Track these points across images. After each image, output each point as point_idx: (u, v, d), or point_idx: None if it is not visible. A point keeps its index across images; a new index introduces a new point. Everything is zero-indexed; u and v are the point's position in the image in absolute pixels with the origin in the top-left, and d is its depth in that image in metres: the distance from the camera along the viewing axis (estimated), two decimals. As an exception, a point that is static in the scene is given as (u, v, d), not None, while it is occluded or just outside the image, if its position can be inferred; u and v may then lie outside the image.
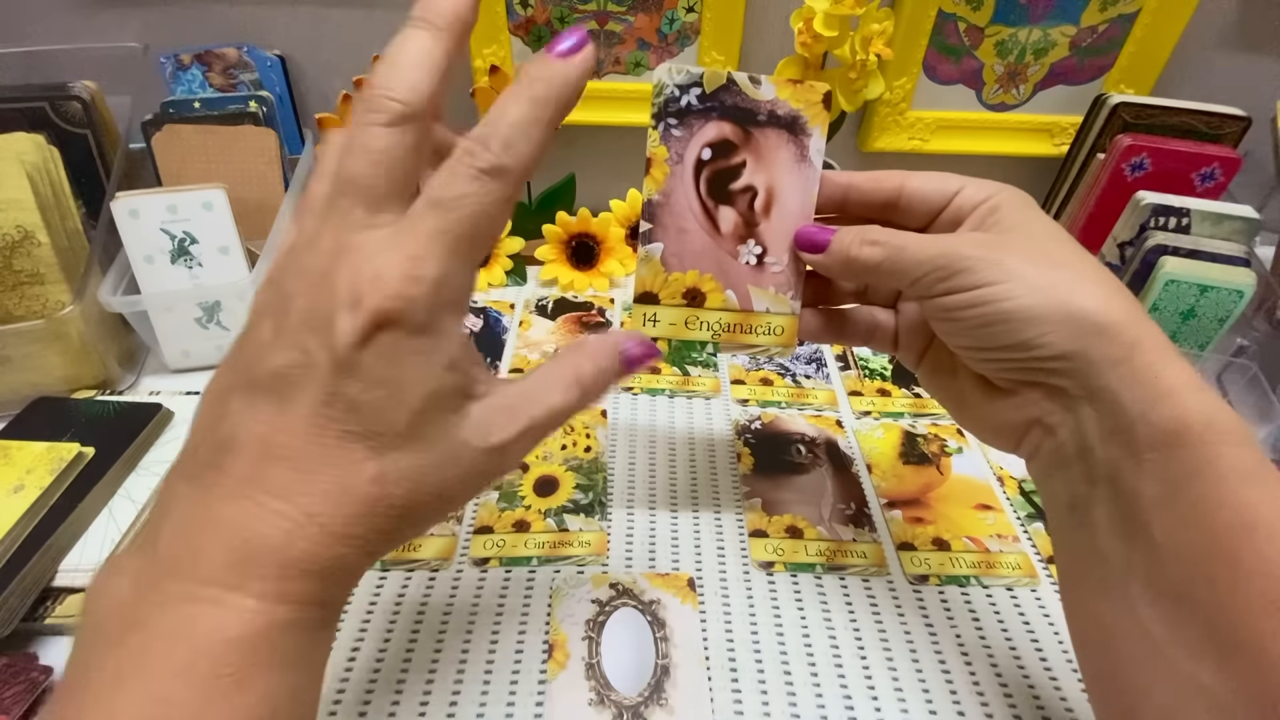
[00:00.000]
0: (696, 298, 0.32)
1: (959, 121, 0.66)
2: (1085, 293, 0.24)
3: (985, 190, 0.28)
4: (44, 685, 0.31)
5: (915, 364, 0.33)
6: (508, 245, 0.58)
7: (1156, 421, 0.23)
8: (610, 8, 0.60)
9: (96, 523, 0.37)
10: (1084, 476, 0.25)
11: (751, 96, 0.30)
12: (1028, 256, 0.25)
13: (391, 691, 0.32)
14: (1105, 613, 0.24)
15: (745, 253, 0.32)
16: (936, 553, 0.39)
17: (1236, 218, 0.50)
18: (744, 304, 0.32)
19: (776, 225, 0.31)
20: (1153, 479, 0.23)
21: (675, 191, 0.31)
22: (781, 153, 0.31)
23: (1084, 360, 0.24)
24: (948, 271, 0.26)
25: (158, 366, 0.50)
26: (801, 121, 0.31)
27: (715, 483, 0.43)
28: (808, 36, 0.51)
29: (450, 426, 0.20)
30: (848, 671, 0.34)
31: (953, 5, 0.59)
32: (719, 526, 0.41)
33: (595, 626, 0.35)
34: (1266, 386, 0.48)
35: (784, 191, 0.31)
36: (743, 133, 0.31)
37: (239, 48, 0.60)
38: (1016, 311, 0.25)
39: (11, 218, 0.43)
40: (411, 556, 0.38)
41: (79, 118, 0.52)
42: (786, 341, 0.33)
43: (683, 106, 0.30)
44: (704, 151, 0.31)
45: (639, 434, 0.46)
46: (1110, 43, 0.61)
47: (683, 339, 0.33)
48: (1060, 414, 0.26)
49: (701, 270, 0.32)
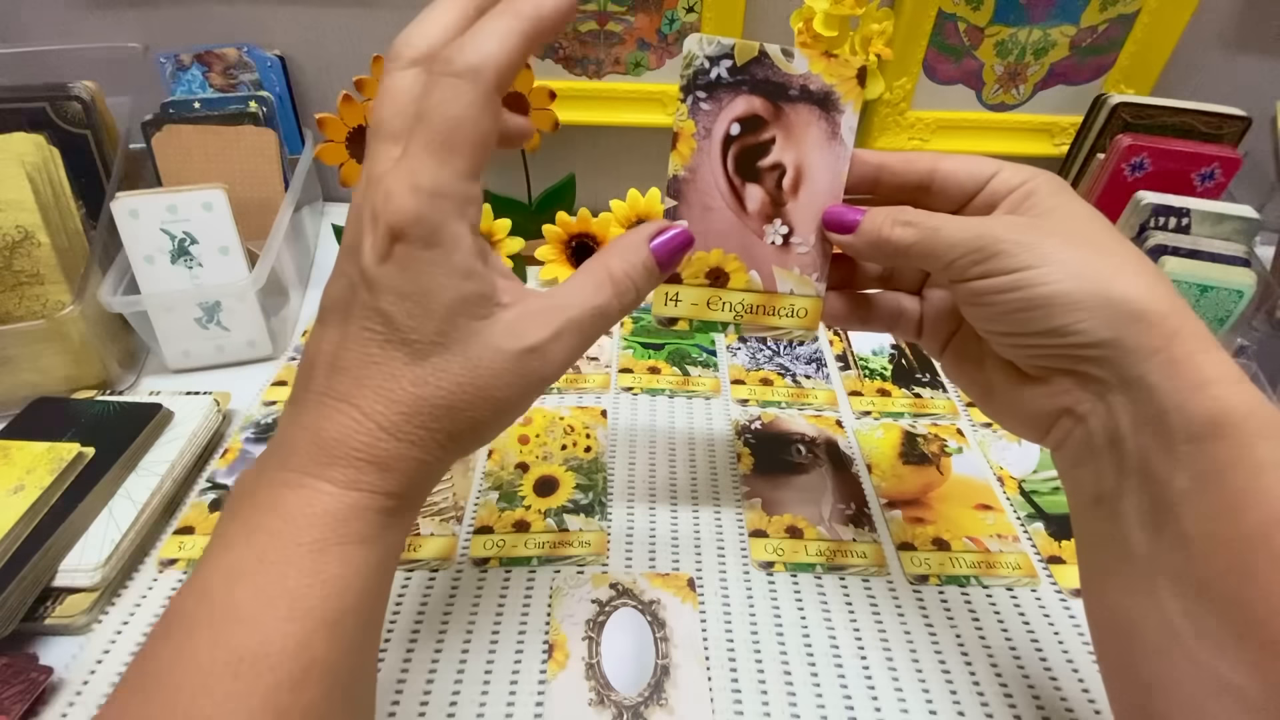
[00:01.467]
0: (720, 278, 0.31)
1: (959, 121, 0.66)
2: (1126, 279, 0.24)
3: (1021, 174, 0.28)
4: (44, 685, 0.31)
5: (939, 352, 0.32)
6: (508, 245, 0.58)
7: (1192, 413, 0.22)
8: (610, 8, 0.60)
9: (96, 523, 0.37)
10: (1114, 467, 0.24)
11: (784, 70, 0.29)
12: (1067, 240, 0.25)
13: (391, 691, 0.32)
14: (1129, 606, 0.24)
15: (771, 232, 0.31)
16: (936, 553, 0.39)
17: (1236, 218, 0.50)
18: (768, 285, 0.31)
19: (804, 204, 0.30)
20: (1186, 471, 0.22)
21: (701, 167, 0.30)
22: (812, 129, 0.30)
23: (1120, 348, 0.23)
24: (984, 254, 0.25)
25: (158, 366, 0.50)
26: (834, 98, 0.30)
27: (715, 483, 0.43)
28: (808, 36, 0.51)
29: (479, 332, 0.22)
30: (848, 671, 0.34)
31: (953, 5, 0.59)
32: (719, 526, 0.41)
33: (595, 626, 0.35)
34: (1267, 386, 0.48)
35: (813, 170, 0.30)
36: (773, 108, 0.29)
37: (239, 48, 0.60)
38: (1054, 296, 0.24)
39: (11, 218, 0.43)
40: (411, 556, 0.38)
41: (79, 118, 0.52)
42: (810, 324, 0.32)
43: (713, 79, 0.29)
44: (733, 126, 0.29)
45: (639, 434, 0.46)
46: (1110, 43, 0.61)
47: (704, 319, 0.32)
48: (1092, 402, 0.25)
49: (726, 249, 0.31)
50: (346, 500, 0.21)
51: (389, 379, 0.22)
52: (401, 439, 0.22)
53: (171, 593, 0.34)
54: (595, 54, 0.63)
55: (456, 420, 0.22)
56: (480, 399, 0.23)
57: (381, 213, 0.21)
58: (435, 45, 0.22)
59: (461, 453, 0.24)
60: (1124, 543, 0.24)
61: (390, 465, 0.22)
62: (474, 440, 0.24)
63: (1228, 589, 0.21)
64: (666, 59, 0.63)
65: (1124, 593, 0.24)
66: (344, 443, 0.22)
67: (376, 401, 0.22)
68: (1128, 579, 0.24)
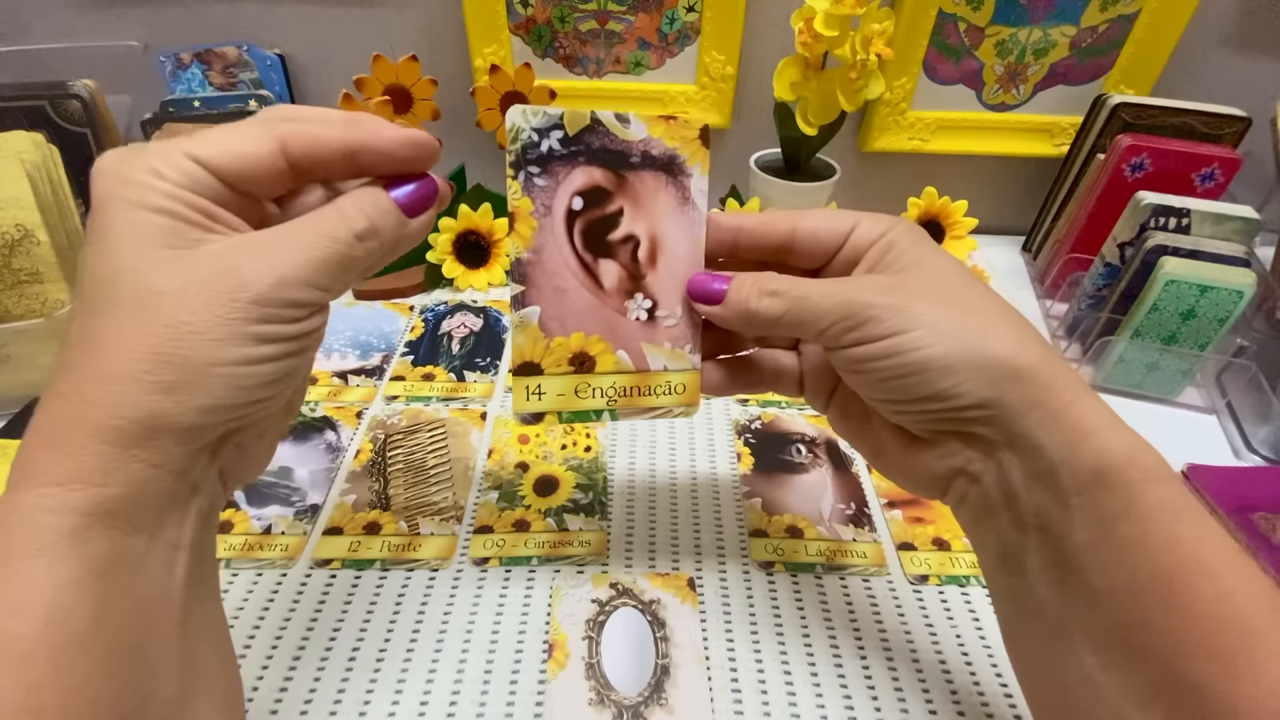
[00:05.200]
0: (585, 362, 0.29)
1: (959, 121, 0.66)
2: (996, 336, 0.24)
3: (879, 226, 0.27)
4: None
5: (824, 408, 0.31)
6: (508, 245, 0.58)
7: (1078, 464, 0.22)
8: (610, 7, 0.60)
9: (96, 522, 0.37)
10: (1013, 524, 0.24)
11: (621, 137, 0.27)
12: (935, 301, 0.24)
13: (392, 691, 0.32)
14: (1050, 664, 0.24)
15: (634, 308, 0.29)
16: (936, 553, 0.39)
17: (1236, 218, 0.50)
18: (639, 364, 0.29)
19: (665, 275, 0.29)
20: (1081, 523, 0.22)
21: (547, 247, 0.28)
22: (661, 196, 0.28)
23: (1001, 406, 0.23)
24: (854, 321, 0.25)
25: (157, 366, 0.50)
26: (679, 161, 0.28)
27: (715, 483, 0.43)
28: (808, 36, 0.51)
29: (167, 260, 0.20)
30: (848, 671, 0.34)
31: (953, 5, 0.59)
32: (719, 526, 0.41)
33: (595, 626, 0.35)
34: (1266, 387, 0.48)
35: (669, 238, 0.28)
36: (615, 177, 0.28)
37: (239, 46, 0.60)
38: (930, 361, 0.23)
39: (11, 216, 0.43)
40: (411, 556, 0.38)
41: (79, 116, 0.52)
42: (689, 400, 0.30)
43: (544, 152, 0.27)
44: (574, 201, 0.28)
45: (639, 434, 0.46)
46: (1110, 43, 0.61)
47: (574, 410, 0.29)
48: (982, 461, 0.25)
49: (587, 332, 0.29)
50: (13, 504, 0.18)
51: (74, 335, 0.20)
52: (77, 402, 0.19)
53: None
54: (595, 53, 0.63)
55: (140, 363, 0.19)
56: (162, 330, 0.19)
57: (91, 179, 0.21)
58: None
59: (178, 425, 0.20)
60: (1035, 599, 0.24)
61: (67, 440, 0.19)
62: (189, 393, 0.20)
63: (1135, 642, 0.21)
64: (667, 58, 0.63)
65: (1043, 650, 0.24)
66: (33, 429, 0.19)
67: (60, 369, 0.19)
68: (1044, 636, 0.24)
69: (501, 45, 0.61)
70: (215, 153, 0.21)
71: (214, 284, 0.20)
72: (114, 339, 0.19)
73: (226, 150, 0.21)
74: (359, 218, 0.23)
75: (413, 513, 0.40)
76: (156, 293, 0.19)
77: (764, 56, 0.62)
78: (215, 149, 0.21)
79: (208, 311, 0.20)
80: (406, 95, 0.55)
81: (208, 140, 0.21)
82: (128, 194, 0.20)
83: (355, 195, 0.23)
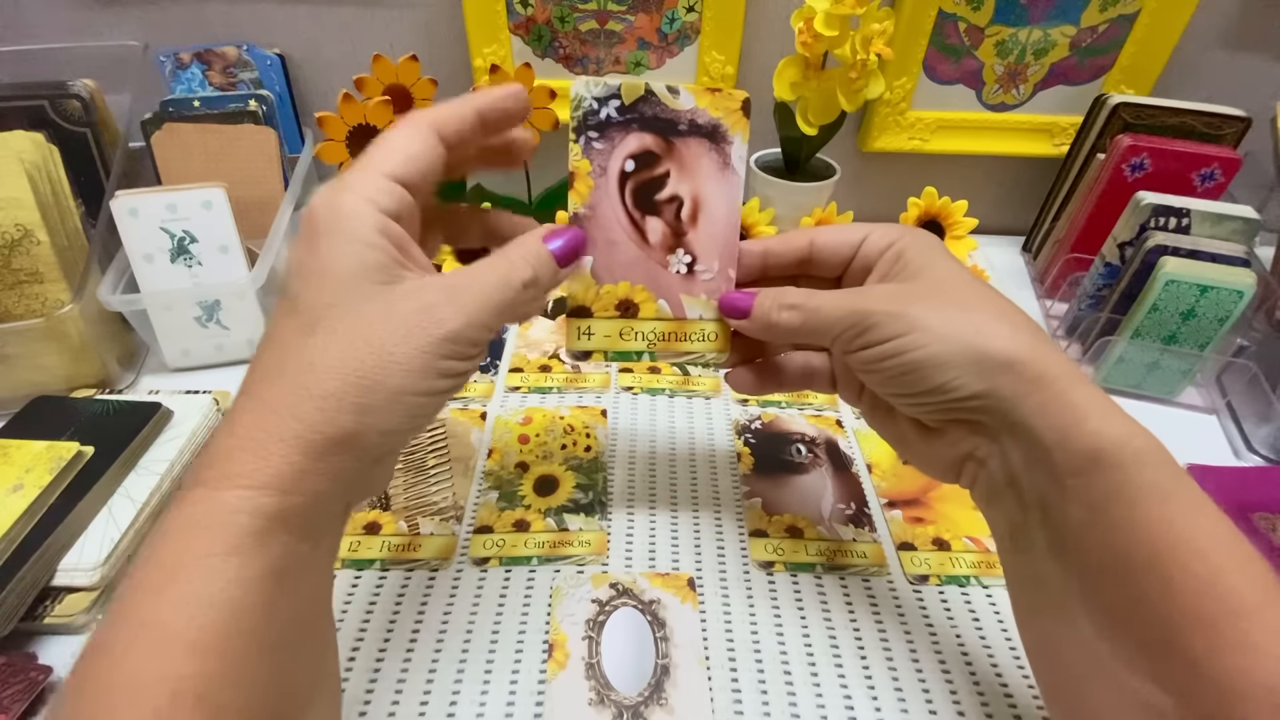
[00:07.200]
0: (630, 309, 0.32)
1: (959, 121, 0.66)
2: (989, 332, 0.26)
3: (889, 236, 0.30)
4: (43, 684, 0.31)
5: (856, 401, 0.33)
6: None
7: (1072, 448, 0.23)
8: (610, 7, 0.60)
9: (96, 522, 0.37)
10: (1017, 504, 0.26)
11: (671, 106, 0.30)
12: (933, 304, 0.27)
13: (391, 691, 0.32)
14: (1054, 633, 0.26)
15: (675, 262, 0.32)
16: (936, 553, 0.39)
17: (1236, 218, 0.50)
18: (677, 312, 0.32)
19: (704, 233, 0.32)
20: (1076, 504, 0.24)
21: (601, 204, 0.31)
22: (704, 161, 0.31)
23: (996, 397, 0.25)
24: (861, 328, 0.27)
25: (157, 365, 0.50)
26: (722, 129, 0.31)
27: (715, 483, 0.43)
28: (808, 36, 0.51)
29: (376, 294, 0.23)
30: (848, 671, 0.34)
31: (953, 5, 0.59)
32: (719, 526, 0.41)
33: (595, 626, 0.35)
34: (1266, 387, 0.48)
35: (709, 200, 0.31)
36: (664, 143, 0.31)
37: (239, 46, 0.60)
38: (926, 360, 0.26)
39: (11, 216, 0.43)
40: (411, 556, 0.38)
41: (78, 116, 0.52)
42: (721, 347, 0.33)
43: (602, 119, 0.30)
44: (627, 163, 0.31)
45: (639, 434, 0.46)
46: (1110, 43, 0.61)
47: (619, 350, 0.33)
48: (986, 446, 0.27)
49: (633, 281, 0.32)
50: (212, 503, 0.20)
51: (280, 351, 0.22)
52: (284, 413, 0.21)
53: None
54: (595, 53, 0.63)
55: (346, 384, 0.21)
56: (370, 356, 0.21)
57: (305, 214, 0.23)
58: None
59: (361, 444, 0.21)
60: (1039, 573, 0.26)
61: (268, 448, 0.20)
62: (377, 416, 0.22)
63: (1131, 613, 0.22)
64: (667, 58, 0.63)
65: (1048, 620, 0.26)
66: (230, 433, 0.21)
67: (264, 381, 0.21)
68: (1049, 607, 0.26)
69: (501, 45, 0.61)
70: (398, 164, 0.24)
71: (416, 319, 0.22)
72: (328, 360, 0.21)
73: (406, 157, 0.24)
74: (525, 268, 0.26)
75: (412, 512, 0.40)
76: (369, 322, 0.22)
77: (764, 56, 0.62)
78: (397, 161, 0.24)
79: (408, 344, 0.22)
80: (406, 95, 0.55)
81: (386, 156, 0.24)
82: (346, 228, 0.23)
83: (520, 245, 0.26)
